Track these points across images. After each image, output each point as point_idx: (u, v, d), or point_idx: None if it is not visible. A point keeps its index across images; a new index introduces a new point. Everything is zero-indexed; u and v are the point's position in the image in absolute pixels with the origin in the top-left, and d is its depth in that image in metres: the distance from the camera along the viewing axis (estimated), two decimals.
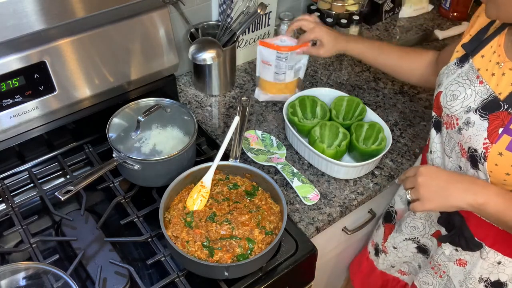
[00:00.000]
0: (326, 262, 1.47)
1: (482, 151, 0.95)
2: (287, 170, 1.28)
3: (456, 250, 1.14)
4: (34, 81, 1.11)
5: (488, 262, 1.09)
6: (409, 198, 1.01)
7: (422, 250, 1.30)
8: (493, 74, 0.96)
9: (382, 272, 1.48)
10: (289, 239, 1.13)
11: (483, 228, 1.06)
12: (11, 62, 1.07)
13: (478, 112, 0.96)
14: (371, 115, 1.35)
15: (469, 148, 0.98)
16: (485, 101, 0.96)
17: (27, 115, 1.14)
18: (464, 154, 1.01)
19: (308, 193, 1.23)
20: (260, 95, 1.49)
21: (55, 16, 1.05)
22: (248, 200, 1.11)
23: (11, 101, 1.10)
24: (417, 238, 1.29)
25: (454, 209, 0.96)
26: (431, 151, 1.14)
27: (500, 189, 0.93)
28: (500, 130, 0.92)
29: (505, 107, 0.92)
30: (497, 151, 0.93)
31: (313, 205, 1.22)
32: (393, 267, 1.44)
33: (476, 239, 1.08)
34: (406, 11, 1.88)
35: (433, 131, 1.12)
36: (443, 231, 1.16)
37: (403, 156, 1.36)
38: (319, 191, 1.25)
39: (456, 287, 1.18)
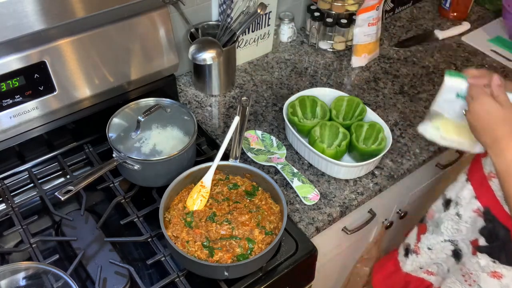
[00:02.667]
0: (326, 262, 1.47)
1: None
2: (287, 170, 1.28)
3: (494, 262, 1.11)
4: (34, 81, 1.11)
5: None
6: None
7: (456, 254, 1.26)
8: None
9: (407, 274, 1.43)
10: (289, 239, 1.13)
11: None
12: (11, 62, 1.06)
13: None
14: (371, 115, 1.35)
15: None
16: None
17: (27, 115, 1.14)
18: None
19: (308, 193, 1.23)
20: (357, 61, 1.66)
21: (55, 16, 1.05)
22: (248, 200, 1.11)
23: (11, 101, 1.10)
24: (457, 241, 1.25)
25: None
26: None
27: None
28: None
29: None
30: None
31: (313, 205, 1.22)
32: (421, 268, 1.39)
33: None
34: None
35: None
36: (482, 241, 1.13)
37: (403, 156, 1.36)
38: (319, 191, 1.25)
39: None
